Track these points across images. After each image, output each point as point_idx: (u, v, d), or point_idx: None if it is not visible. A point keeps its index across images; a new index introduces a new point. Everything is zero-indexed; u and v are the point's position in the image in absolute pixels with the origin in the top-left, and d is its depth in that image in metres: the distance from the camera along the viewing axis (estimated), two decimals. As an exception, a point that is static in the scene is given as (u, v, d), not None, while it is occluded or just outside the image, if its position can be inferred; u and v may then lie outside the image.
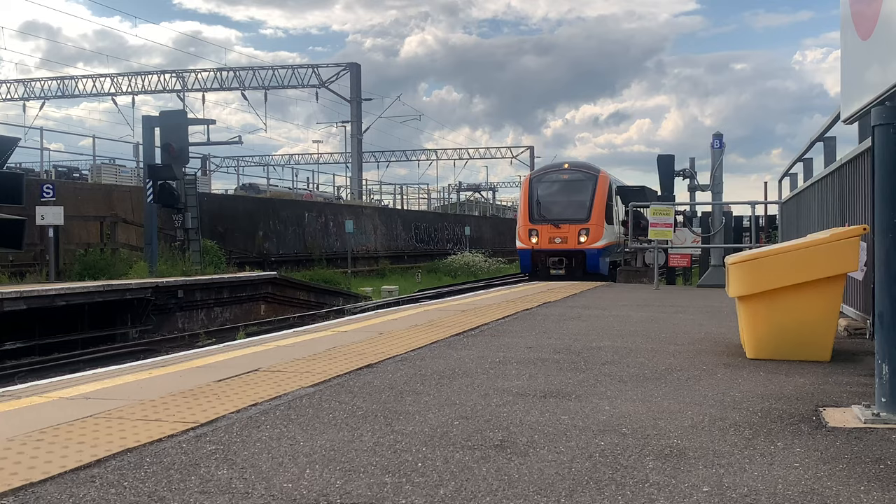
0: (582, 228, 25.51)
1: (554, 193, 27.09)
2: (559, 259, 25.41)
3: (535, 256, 25.87)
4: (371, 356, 5.68)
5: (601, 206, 26.12)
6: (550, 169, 28.71)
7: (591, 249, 25.37)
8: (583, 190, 26.69)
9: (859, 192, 6.84)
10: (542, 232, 25.81)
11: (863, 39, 3.83)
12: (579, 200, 26.42)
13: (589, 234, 25.40)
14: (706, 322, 8.44)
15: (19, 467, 2.90)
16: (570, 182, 27.21)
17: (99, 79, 55.78)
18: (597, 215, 25.89)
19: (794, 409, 4.01)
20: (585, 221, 25.65)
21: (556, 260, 25.41)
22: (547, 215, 26.14)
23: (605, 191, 26.47)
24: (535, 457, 3.13)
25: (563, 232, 25.65)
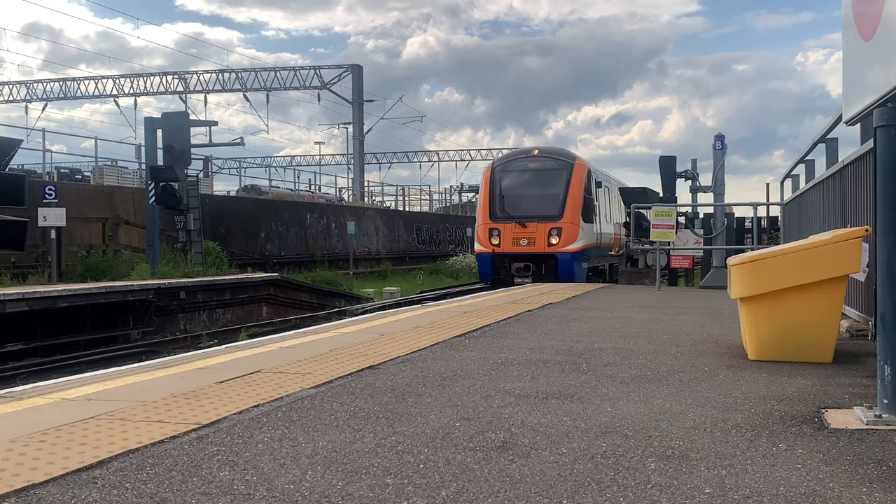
0: (553, 228, 21.58)
1: (520, 185, 22.96)
2: (525, 265, 21.54)
3: (496, 261, 21.95)
4: (373, 357, 5.68)
5: (577, 200, 22.09)
6: (516, 156, 24.42)
7: (563, 253, 21.43)
8: (555, 181, 22.53)
9: (861, 194, 6.84)
10: (504, 232, 21.88)
11: (865, 40, 3.83)
12: (550, 194, 22.37)
13: (561, 234, 21.55)
14: (708, 323, 8.44)
15: (21, 468, 2.91)
16: (539, 172, 23.00)
17: (101, 80, 55.86)
18: (571, 212, 21.92)
19: (796, 411, 4.01)
20: (557, 219, 21.69)
21: (522, 266, 21.52)
22: (511, 212, 22.14)
23: (582, 182, 22.46)
24: (537, 458, 3.13)
25: (529, 232, 21.71)
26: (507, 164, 23.61)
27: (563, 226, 21.64)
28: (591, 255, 23.10)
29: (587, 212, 22.62)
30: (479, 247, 22.51)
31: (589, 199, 22.86)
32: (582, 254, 21.99)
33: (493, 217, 22.27)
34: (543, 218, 21.74)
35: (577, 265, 21.63)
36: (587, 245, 22.42)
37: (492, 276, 22.09)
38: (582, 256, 22.01)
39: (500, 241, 21.85)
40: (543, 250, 21.54)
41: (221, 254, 25.40)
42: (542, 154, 23.53)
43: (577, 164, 22.78)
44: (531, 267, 21.48)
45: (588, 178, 22.94)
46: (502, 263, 21.96)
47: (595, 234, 23.36)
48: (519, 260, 21.73)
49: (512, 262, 21.79)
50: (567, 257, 21.48)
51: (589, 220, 22.76)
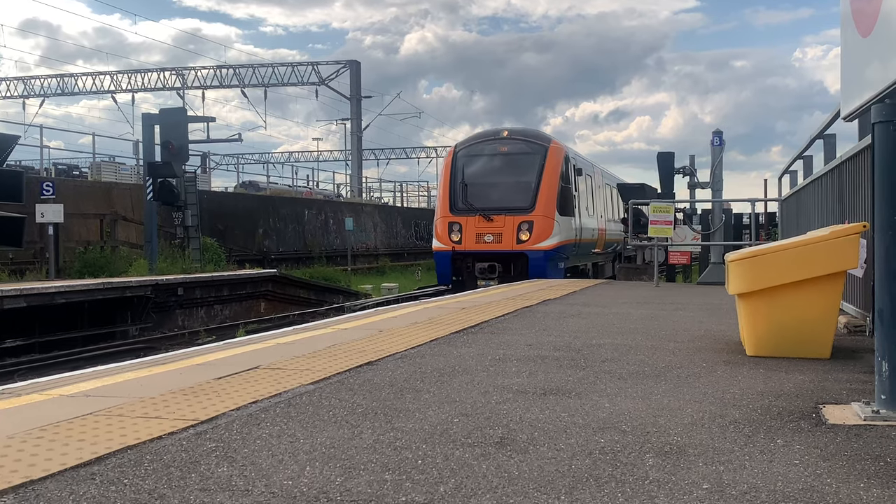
0: (523, 222, 18.88)
1: (485, 172, 20.19)
2: (490, 265, 18.87)
3: (456, 261, 19.25)
4: (371, 354, 5.68)
5: (551, 189, 19.36)
6: (482, 138, 21.20)
7: (534, 251, 18.71)
8: (526, 167, 19.85)
9: (859, 190, 6.84)
10: (467, 227, 19.18)
11: (863, 37, 3.83)
12: (520, 182, 19.69)
13: (533, 229, 18.82)
14: (706, 319, 8.44)
15: (20, 465, 2.91)
16: (508, 157, 20.27)
17: (99, 76, 55.75)
18: (545, 203, 19.19)
19: (793, 407, 4.01)
20: (528, 211, 19.02)
21: (486, 266, 18.86)
22: (475, 203, 19.46)
23: (558, 168, 19.76)
24: (535, 454, 3.13)
25: (496, 226, 19.04)
26: (471, 148, 20.76)
27: (534, 219, 18.96)
28: (570, 254, 20.55)
29: (564, 203, 20.01)
30: (437, 244, 19.75)
31: (566, 188, 20.26)
32: (557, 252, 19.40)
33: (454, 209, 19.67)
34: (512, 210, 19.17)
35: (551, 265, 19.03)
36: (564, 242, 19.80)
37: (451, 278, 19.39)
38: (557, 255, 19.45)
39: (461, 238, 19.20)
40: (511, 248, 18.93)
41: (219, 250, 25.38)
42: (511, 136, 20.70)
43: (553, 148, 20.06)
44: (497, 267, 18.89)
45: (565, 164, 20.38)
46: (464, 263, 19.33)
47: (574, 228, 20.80)
48: (483, 259, 19.10)
49: (475, 261, 19.17)
50: (539, 256, 18.80)
51: (566, 212, 20.15)
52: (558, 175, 19.71)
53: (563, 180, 19.99)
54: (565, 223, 19.86)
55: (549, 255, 19.00)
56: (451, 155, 20.89)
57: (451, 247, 19.25)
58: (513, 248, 18.94)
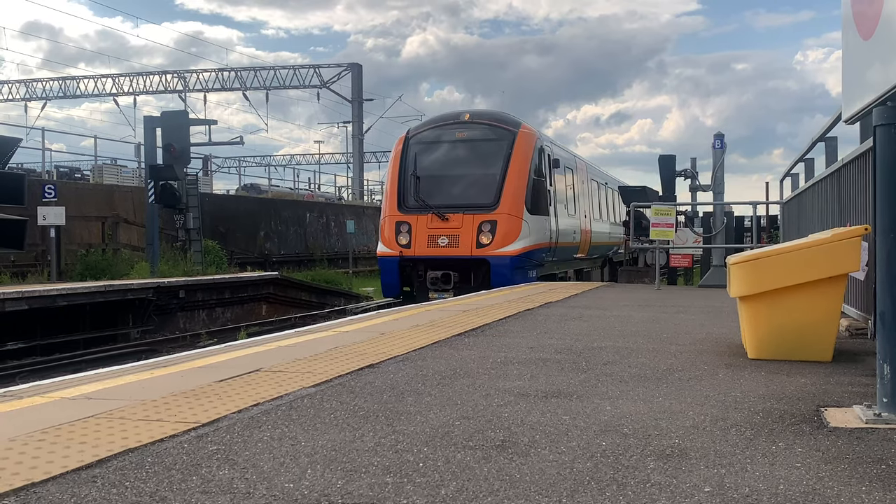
0: (485, 221, 16.03)
1: (441, 162, 17.27)
2: (444, 273, 16.02)
3: (405, 268, 16.44)
4: (372, 356, 5.68)
5: (520, 182, 16.48)
6: (439, 122, 18.13)
7: (498, 257, 15.83)
8: (490, 156, 16.98)
9: (861, 193, 6.84)
10: (417, 227, 16.34)
11: (864, 39, 3.83)
12: (483, 174, 16.80)
13: (496, 230, 15.97)
14: (707, 322, 8.44)
15: (21, 467, 2.91)
16: (469, 144, 17.29)
17: (101, 79, 55.83)
18: (512, 199, 16.29)
19: (795, 410, 4.01)
20: (491, 209, 16.16)
21: (440, 275, 16.02)
22: (428, 199, 16.54)
23: (529, 158, 16.82)
24: (537, 457, 3.13)
25: (452, 227, 16.14)
26: (425, 134, 17.76)
27: (498, 218, 16.06)
28: (543, 259, 17.62)
29: (536, 200, 17.01)
30: (381, 248, 16.82)
31: (539, 181, 17.31)
32: (526, 257, 16.45)
33: (403, 206, 16.75)
34: (472, 207, 16.27)
35: (518, 273, 16.13)
36: (536, 245, 16.86)
37: (399, 289, 16.60)
38: (527, 261, 16.53)
39: (410, 240, 16.30)
40: (470, 253, 15.95)
41: (221, 252, 25.41)
42: (473, 120, 17.66)
43: (522, 134, 17.08)
44: (453, 276, 16.00)
45: (538, 153, 17.45)
46: (415, 271, 16.47)
47: (549, 230, 17.77)
48: (437, 266, 16.17)
49: (427, 269, 16.28)
50: (504, 262, 15.84)
51: (539, 210, 17.18)
52: (528, 166, 16.75)
53: (536, 172, 17.12)
54: (537, 224, 16.95)
55: (515, 262, 16.01)
56: (402, 142, 17.78)
57: (399, 252, 16.31)
58: (471, 254, 15.96)
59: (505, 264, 15.89)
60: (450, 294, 15.28)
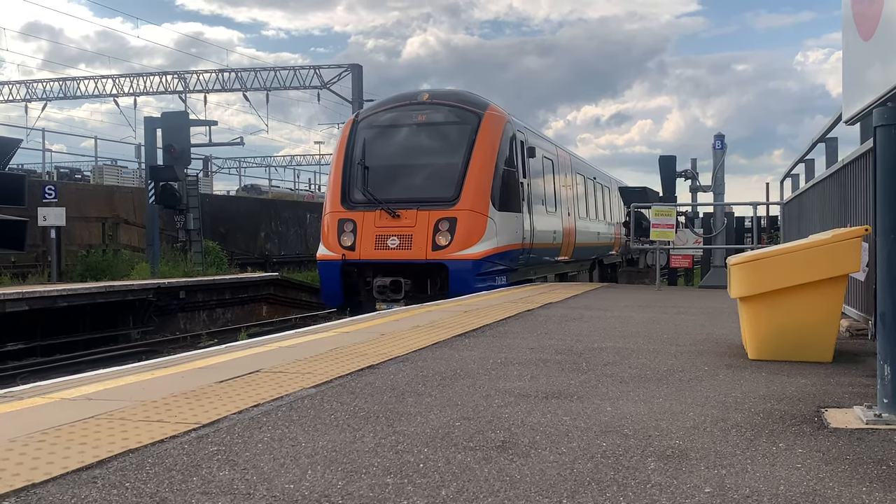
0: (443, 219, 13.80)
1: (394, 150, 14.97)
2: (394, 281, 13.71)
3: (348, 274, 14.20)
4: (373, 357, 5.68)
5: (485, 173, 14.18)
6: (393, 103, 15.71)
7: (458, 261, 13.60)
8: (450, 143, 14.76)
9: (861, 193, 6.84)
10: (363, 226, 14.07)
11: (864, 40, 3.83)
12: (442, 164, 14.61)
13: (456, 229, 13.72)
14: (708, 323, 8.44)
15: (21, 468, 2.91)
16: (427, 128, 15.02)
17: (101, 80, 55.69)
18: (475, 192, 14.01)
19: (796, 410, 4.01)
20: (450, 204, 13.91)
21: (388, 283, 13.73)
22: (377, 192, 14.26)
23: (496, 145, 14.52)
24: (537, 458, 3.13)
25: (404, 226, 13.92)
26: (376, 117, 15.40)
27: (459, 215, 13.81)
28: (516, 263, 15.27)
29: (506, 193, 14.68)
30: (322, 250, 14.56)
31: (510, 172, 14.98)
32: (493, 261, 14.17)
33: (348, 201, 14.50)
34: (428, 202, 14.02)
35: (482, 280, 13.90)
36: (504, 247, 14.47)
37: (343, 298, 14.43)
38: (494, 265, 14.26)
39: (355, 241, 14.06)
40: (425, 256, 13.72)
41: (221, 253, 25.42)
42: (433, 100, 15.27)
43: (490, 117, 14.72)
44: (404, 284, 13.73)
45: (509, 139, 15.08)
46: (361, 277, 14.25)
47: (522, 229, 15.39)
48: (386, 272, 13.90)
49: (376, 275, 13.99)
50: (465, 267, 13.62)
51: (509, 206, 14.81)
52: (496, 154, 14.43)
53: (506, 162, 14.81)
54: (506, 222, 14.59)
55: (479, 267, 13.77)
56: (350, 126, 15.47)
57: (341, 254, 14.03)
58: (426, 258, 13.70)
59: (466, 269, 13.61)
60: (400, 305, 12.88)
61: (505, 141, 14.86)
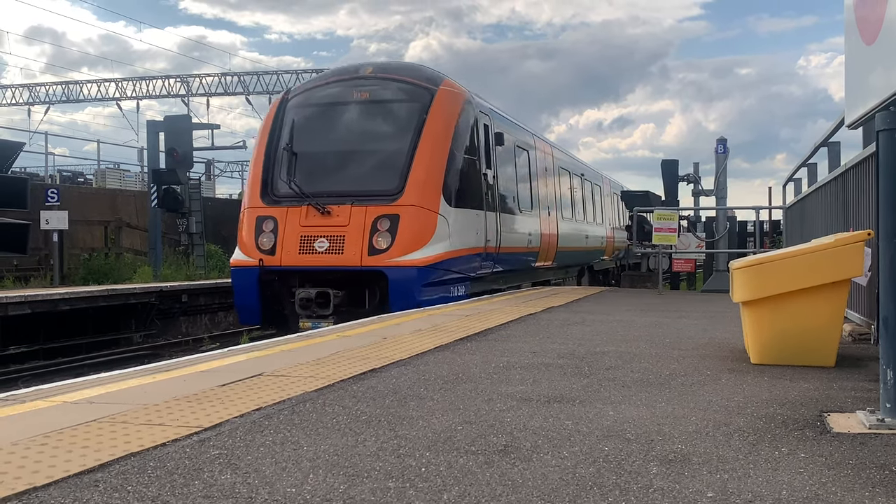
0: (383, 216, 11.42)
1: (327, 135, 12.61)
2: (320, 293, 11.32)
3: (267, 284, 11.82)
4: (375, 361, 5.68)
5: (436, 161, 11.79)
6: (330, 79, 13.42)
7: (400, 269, 11.22)
8: (396, 124, 12.44)
9: (863, 198, 6.83)
10: (286, 225, 11.72)
11: (867, 44, 3.83)
12: (384, 150, 12.25)
13: (398, 229, 11.33)
14: (710, 327, 8.43)
15: (23, 471, 2.91)
16: (369, 107, 12.62)
17: (104, 83, 55.84)
18: (423, 183, 11.64)
19: (798, 415, 4.00)
20: (392, 198, 11.55)
21: (313, 295, 11.31)
22: (304, 185, 11.95)
23: (451, 127, 12.16)
24: (539, 462, 3.12)
25: (335, 225, 11.53)
26: (310, 94, 13.10)
27: (402, 211, 11.42)
28: (478, 270, 12.93)
29: (464, 186, 12.36)
30: (237, 255, 12.19)
31: (470, 161, 12.66)
32: (446, 268, 11.79)
33: (270, 195, 12.20)
34: (366, 196, 11.63)
35: (432, 291, 11.57)
36: (461, 250, 12.10)
37: (261, 314, 12.07)
38: (447, 273, 11.87)
39: (275, 244, 11.68)
40: (359, 262, 11.28)
41: (224, 257, 25.39)
42: (378, 74, 12.97)
43: (445, 94, 12.41)
44: (332, 297, 11.26)
45: (472, 123, 12.82)
46: (284, 287, 11.84)
47: (486, 230, 13.05)
48: (312, 281, 11.54)
49: (301, 283, 11.64)
50: (408, 276, 11.20)
51: (469, 202, 12.50)
52: (451, 138, 12.05)
53: (464, 149, 12.43)
54: (464, 220, 12.24)
55: (426, 275, 11.35)
56: (277, 105, 13.19)
57: (258, 259, 11.61)
58: (361, 264, 11.28)
59: (409, 278, 11.17)
60: (329, 322, 10.67)
61: (463, 123, 12.50)
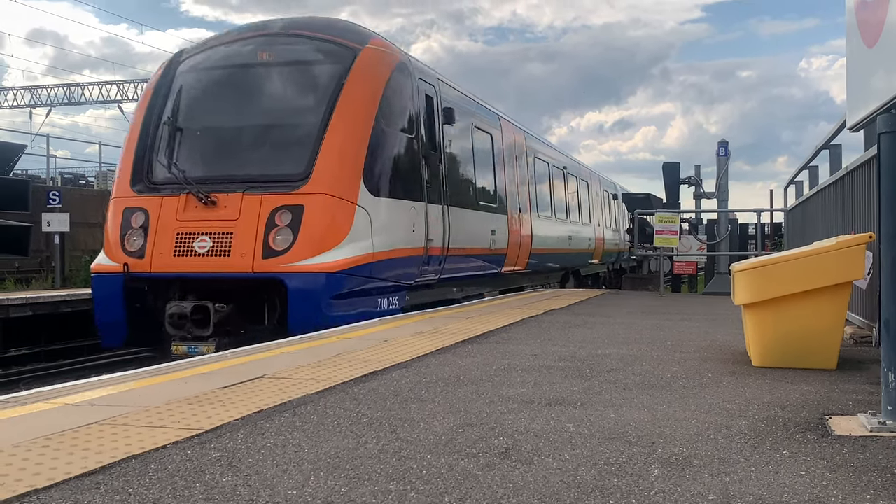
0: (283, 207, 9.01)
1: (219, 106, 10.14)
2: (197, 307, 8.82)
3: (137, 295, 9.33)
4: (376, 363, 5.68)
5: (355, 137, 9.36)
6: (230, 37, 10.73)
7: (304, 276, 8.76)
8: (307, 93, 9.90)
9: (865, 200, 6.83)
10: (160, 218, 9.32)
11: (868, 47, 3.84)
12: (290, 125, 9.82)
13: (303, 223, 8.91)
14: (712, 330, 8.42)
15: (24, 473, 2.91)
16: (273, 71, 10.07)
17: (105, 86, 55.90)
18: (337, 166, 9.21)
19: (799, 418, 4.00)
20: (297, 184, 9.13)
21: (188, 310, 8.77)
22: (188, 168, 9.60)
23: (377, 95, 9.72)
24: (540, 465, 3.12)
25: (222, 218, 9.10)
26: (204, 56, 10.53)
27: (308, 201, 8.99)
28: (416, 277, 10.36)
29: (396, 171, 9.94)
30: (100, 259, 9.61)
31: (405, 140, 10.13)
32: (368, 275, 9.30)
33: (143, 181, 9.71)
34: (262, 183, 9.20)
35: (348, 305, 9.12)
36: (393, 252, 9.67)
37: (126, 332, 9.36)
38: (370, 282, 9.38)
39: (145, 243, 9.22)
40: (251, 268, 8.82)
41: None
42: (289, 31, 10.38)
43: (370, 54, 9.94)
44: (214, 313, 8.81)
45: (410, 92, 10.37)
46: (161, 299, 9.30)
47: (427, 227, 10.50)
48: (195, 291, 9.10)
49: (180, 295, 9.25)
50: (314, 286, 8.76)
51: (402, 191, 10.02)
52: (376, 109, 9.51)
53: (397, 125, 9.93)
54: (395, 214, 9.74)
55: (338, 284, 8.85)
56: (163, 70, 10.54)
57: (123, 264, 9.14)
58: (253, 269, 8.76)
59: (315, 289, 8.63)
60: (210, 348, 8.44)
61: (395, 91, 9.97)
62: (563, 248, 18.98)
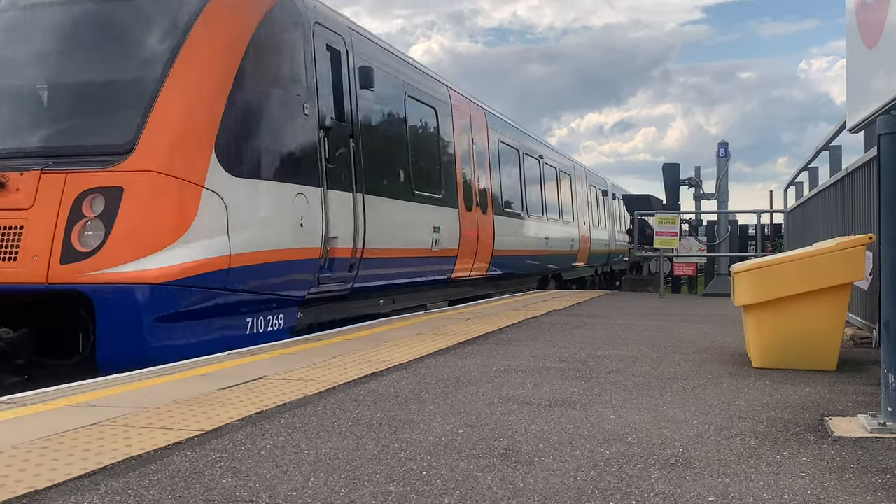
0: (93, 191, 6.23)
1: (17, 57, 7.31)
2: None
3: None
4: (376, 364, 5.68)
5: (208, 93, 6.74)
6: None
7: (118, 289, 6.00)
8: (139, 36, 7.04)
9: (865, 202, 6.83)
10: None
11: (868, 48, 3.84)
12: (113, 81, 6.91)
13: (119, 212, 6.15)
14: (712, 331, 8.42)
15: (24, 475, 2.91)
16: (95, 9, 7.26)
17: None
18: (176, 130, 6.49)
19: (799, 419, 4.00)
20: (117, 158, 6.33)
21: None
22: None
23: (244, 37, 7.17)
24: (540, 466, 3.12)
25: (8, 206, 6.30)
26: None
27: (130, 182, 6.33)
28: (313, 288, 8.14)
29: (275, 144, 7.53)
30: None
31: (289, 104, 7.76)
32: (220, 285, 6.69)
33: None
34: (68, 158, 6.54)
35: (186, 329, 6.51)
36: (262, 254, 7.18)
37: None
38: (225, 295, 6.77)
39: None
40: (44, 278, 6.14)
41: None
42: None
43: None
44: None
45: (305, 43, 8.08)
46: None
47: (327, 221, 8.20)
48: None
49: None
50: (133, 303, 6.10)
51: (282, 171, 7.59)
52: (241, 58, 7.16)
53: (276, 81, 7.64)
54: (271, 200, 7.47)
55: (172, 300, 6.34)
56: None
57: None
58: (48, 280, 6.19)
59: (134, 307, 6.20)
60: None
61: (272, 36, 7.63)
62: (537, 248, 16.77)
